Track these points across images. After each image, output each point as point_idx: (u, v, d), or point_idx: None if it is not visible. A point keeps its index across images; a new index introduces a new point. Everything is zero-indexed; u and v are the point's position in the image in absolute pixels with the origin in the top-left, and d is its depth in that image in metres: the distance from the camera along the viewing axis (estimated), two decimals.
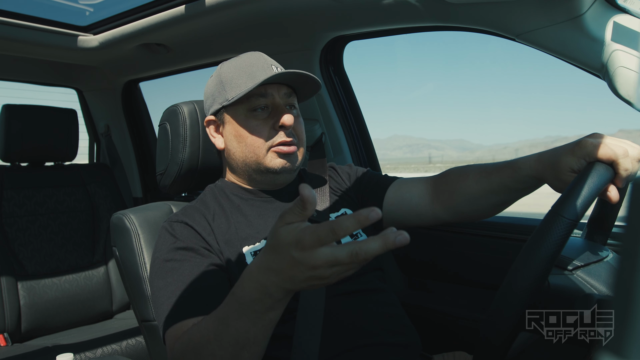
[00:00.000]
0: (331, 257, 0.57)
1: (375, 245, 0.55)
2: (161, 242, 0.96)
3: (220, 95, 1.03)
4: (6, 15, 1.68)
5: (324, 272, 0.59)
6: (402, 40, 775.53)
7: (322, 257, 0.57)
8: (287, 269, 0.61)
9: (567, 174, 0.81)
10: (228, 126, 1.04)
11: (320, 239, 0.57)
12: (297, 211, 0.60)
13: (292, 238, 0.59)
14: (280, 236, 0.61)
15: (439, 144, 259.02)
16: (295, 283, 0.62)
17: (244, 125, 1.00)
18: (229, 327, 0.70)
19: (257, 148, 1.00)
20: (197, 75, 2.39)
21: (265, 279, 0.64)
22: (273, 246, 0.62)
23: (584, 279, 0.78)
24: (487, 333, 0.71)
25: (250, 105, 1.00)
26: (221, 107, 1.03)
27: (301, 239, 0.58)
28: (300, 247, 0.58)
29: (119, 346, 1.84)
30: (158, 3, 1.59)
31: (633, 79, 0.98)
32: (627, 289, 0.25)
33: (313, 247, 0.58)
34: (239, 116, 1.01)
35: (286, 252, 0.60)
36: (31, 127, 2.15)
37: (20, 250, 2.07)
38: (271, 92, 1.00)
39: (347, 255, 0.56)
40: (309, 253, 0.58)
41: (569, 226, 0.67)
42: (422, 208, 1.07)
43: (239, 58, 1.05)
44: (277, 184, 1.07)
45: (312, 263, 0.58)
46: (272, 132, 1.00)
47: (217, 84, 1.04)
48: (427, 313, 1.53)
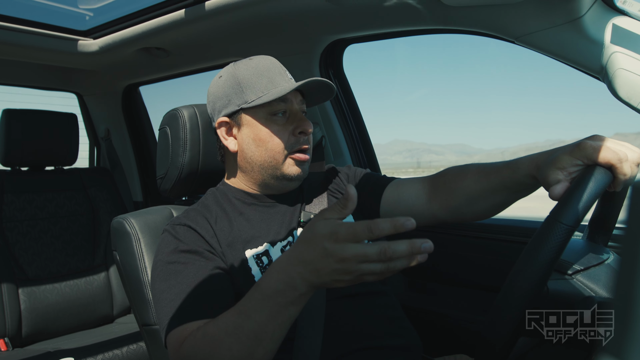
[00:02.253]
0: (361, 251, 0.61)
1: (402, 247, 0.60)
2: (164, 244, 0.96)
3: (238, 97, 1.01)
4: (6, 20, 1.69)
5: (351, 267, 0.62)
6: (402, 43, 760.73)
7: (352, 249, 0.61)
8: (317, 260, 0.64)
9: (555, 171, 0.78)
10: (246, 129, 1.02)
11: (356, 233, 0.61)
12: (337, 208, 0.65)
13: (328, 230, 0.63)
14: (316, 228, 0.65)
15: (440, 148, 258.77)
16: (321, 276, 0.65)
17: (265, 129, 1.00)
18: (249, 320, 0.71)
19: (277, 153, 1.00)
20: (197, 79, 2.39)
21: (293, 270, 0.67)
22: (308, 237, 0.66)
23: (584, 283, 0.78)
24: (488, 336, 0.71)
25: (271, 110, 1.00)
26: (239, 109, 1.02)
27: (337, 231, 0.62)
28: (334, 238, 0.62)
29: (120, 351, 1.84)
30: (158, 7, 1.59)
31: (633, 80, 0.98)
32: (627, 291, 0.25)
33: (346, 241, 0.62)
34: (259, 119, 1.00)
35: (320, 242, 0.64)
36: (31, 131, 2.15)
37: (21, 255, 2.07)
38: (290, 98, 1.01)
39: (376, 252, 0.60)
40: (341, 245, 0.62)
41: (567, 232, 0.67)
42: (420, 207, 1.07)
43: (252, 61, 1.04)
44: (286, 190, 1.07)
45: (342, 255, 0.62)
46: (292, 138, 1.01)
47: (233, 85, 1.02)
48: (427, 315, 1.53)
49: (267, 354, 0.73)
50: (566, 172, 0.77)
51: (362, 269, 0.62)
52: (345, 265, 0.62)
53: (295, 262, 0.67)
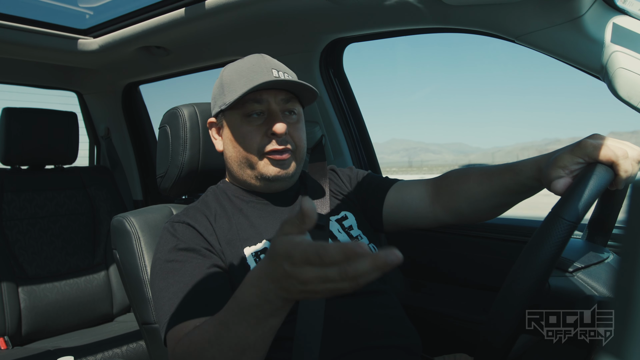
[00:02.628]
0: (321, 273, 0.56)
1: (364, 265, 0.53)
2: (163, 242, 0.96)
3: (220, 99, 1.03)
4: (7, 19, 1.69)
5: (316, 287, 0.58)
6: (403, 42, 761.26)
7: (311, 273, 0.57)
8: (282, 279, 0.61)
9: (556, 169, 0.79)
10: (225, 130, 1.04)
11: (309, 259, 0.56)
12: (295, 223, 0.59)
13: (285, 251, 0.59)
14: (276, 247, 0.61)
15: (437, 147, 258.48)
16: (291, 293, 0.62)
17: (238, 130, 1.00)
18: (229, 331, 0.70)
19: (249, 155, 1.00)
20: (197, 78, 2.39)
21: (264, 285, 0.64)
22: (271, 255, 0.62)
23: (585, 280, 0.78)
24: (488, 335, 0.71)
25: (245, 111, 0.99)
26: (220, 111, 1.03)
27: (292, 254, 0.58)
28: (290, 261, 0.58)
29: (120, 349, 1.84)
30: (158, 6, 1.59)
31: (633, 80, 0.98)
32: (627, 291, 0.25)
33: (303, 264, 0.57)
34: (234, 121, 1.01)
35: (279, 263, 0.60)
36: (31, 130, 2.15)
37: (21, 253, 2.07)
38: (267, 98, 0.99)
39: (337, 274, 0.54)
40: (299, 269, 0.57)
41: (569, 228, 0.67)
42: (423, 210, 1.07)
43: (242, 61, 1.04)
44: (274, 190, 1.06)
45: (301, 278, 0.57)
46: (265, 139, 0.98)
47: (218, 86, 1.05)
48: (427, 315, 1.53)
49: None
50: (568, 171, 0.78)
51: (329, 287, 0.57)
52: (309, 287, 0.58)
53: (264, 277, 0.64)
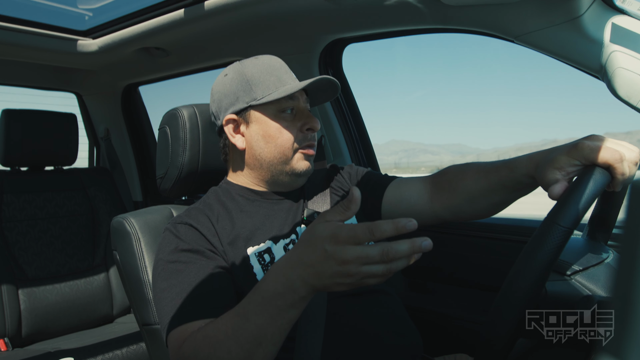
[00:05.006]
0: (363, 252, 0.60)
1: (404, 247, 0.59)
2: (165, 243, 0.96)
3: (247, 94, 1.01)
4: (5, 20, 1.69)
5: (352, 269, 0.61)
6: (402, 43, 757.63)
7: (353, 251, 0.60)
8: (318, 263, 0.63)
9: (552, 170, 0.78)
10: (255, 125, 1.02)
11: (357, 235, 0.60)
12: (340, 210, 0.64)
13: (329, 232, 0.62)
14: (317, 230, 0.64)
15: (436, 148, 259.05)
16: (322, 279, 0.64)
17: (274, 125, 1.01)
18: (248, 322, 0.71)
19: (286, 149, 1.01)
20: (197, 79, 2.39)
21: (292, 272, 0.66)
22: (308, 239, 0.65)
23: (583, 283, 0.78)
24: (487, 336, 0.71)
25: (280, 107, 1.01)
26: (247, 106, 1.02)
27: (337, 233, 0.61)
28: (334, 240, 0.61)
29: (120, 351, 1.84)
30: (157, 7, 1.59)
31: (632, 79, 0.98)
32: (626, 291, 0.25)
33: (347, 243, 0.61)
34: (268, 116, 1.01)
35: (320, 245, 0.63)
36: (31, 131, 2.15)
37: (21, 255, 2.07)
38: (297, 96, 1.03)
39: (378, 252, 0.59)
40: (342, 247, 0.61)
41: (565, 234, 0.67)
42: (421, 207, 1.07)
43: (259, 59, 1.05)
44: (293, 186, 1.08)
45: (343, 257, 0.61)
46: (300, 135, 1.02)
47: (240, 82, 1.02)
48: (427, 315, 1.53)
49: (267, 356, 0.72)
50: (564, 172, 0.78)
51: (364, 272, 0.61)
52: (346, 267, 0.61)
53: (295, 264, 0.66)
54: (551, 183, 0.78)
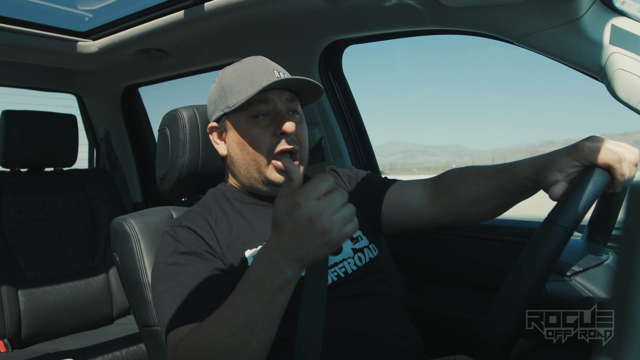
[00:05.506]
0: (326, 199, 0.65)
1: None
2: (164, 246, 0.96)
3: (222, 102, 1.02)
4: (6, 22, 1.69)
5: (326, 222, 0.64)
6: (401, 44, 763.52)
7: (318, 204, 0.65)
8: (293, 232, 0.66)
9: (553, 172, 0.79)
10: (230, 133, 1.03)
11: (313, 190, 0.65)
12: (286, 185, 0.69)
13: (288, 202, 0.67)
14: (278, 207, 0.68)
15: (434, 149, 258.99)
16: (303, 246, 0.67)
17: (246, 133, 0.99)
18: (238, 311, 0.73)
19: (258, 157, 0.99)
20: (197, 80, 2.39)
21: (274, 252, 0.70)
22: (276, 219, 0.69)
23: (583, 285, 0.78)
24: (487, 337, 0.71)
25: (251, 112, 0.99)
26: (223, 114, 1.02)
27: (295, 199, 0.66)
28: (296, 206, 0.65)
29: (120, 352, 1.84)
30: (157, 8, 1.59)
31: (632, 81, 0.98)
32: (625, 292, 0.25)
33: (308, 200, 0.65)
34: (240, 123, 1.00)
35: (286, 217, 0.67)
36: (31, 132, 2.15)
37: (20, 256, 2.07)
38: (272, 98, 0.99)
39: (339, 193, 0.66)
40: (306, 207, 0.65)
41: (565, 235, 0.67)
42: (421, 210, 1.07)
43: (240, 63, 1.04)
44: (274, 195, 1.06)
45: (312, 213, 0.64)
46: (274, 139, 0.98)
47: (218, 90, 1.04)
48: (427, 316, 1.53)
49: (261, 346, 0.74)
50: (565, 174, 0.78)
51: (337, 219, 0.65)
52: (320, 223, 0.64)
53: (275, 244, 0.70)
54: (552, 184, 0.78)
